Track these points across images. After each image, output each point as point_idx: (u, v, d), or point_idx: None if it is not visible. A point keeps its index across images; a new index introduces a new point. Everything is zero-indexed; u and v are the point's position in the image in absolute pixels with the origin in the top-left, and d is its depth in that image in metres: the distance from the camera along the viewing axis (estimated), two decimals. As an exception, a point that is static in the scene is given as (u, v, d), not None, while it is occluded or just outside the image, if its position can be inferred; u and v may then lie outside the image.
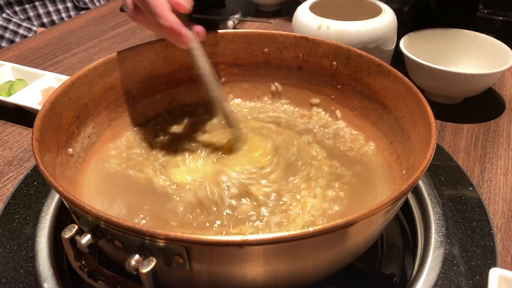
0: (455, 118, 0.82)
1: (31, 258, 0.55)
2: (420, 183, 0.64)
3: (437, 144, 0.74)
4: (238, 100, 0.75)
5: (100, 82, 0.62)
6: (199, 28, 0.60)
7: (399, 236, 0.65)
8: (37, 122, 0.50)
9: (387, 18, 0.80)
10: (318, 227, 0.37)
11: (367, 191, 0.57)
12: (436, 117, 0.50)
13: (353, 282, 0.57)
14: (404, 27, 0.91)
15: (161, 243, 0.38)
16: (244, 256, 0.40)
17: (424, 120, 0.52)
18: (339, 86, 0.69)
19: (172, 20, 0.54)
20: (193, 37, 0.57)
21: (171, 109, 0.72)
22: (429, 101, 0.84)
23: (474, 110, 0.84)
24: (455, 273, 0.53)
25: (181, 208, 0.53)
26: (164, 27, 0.54)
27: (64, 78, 0.88)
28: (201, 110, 0.72)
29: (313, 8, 0.84)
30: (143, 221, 0.52)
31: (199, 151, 0.62)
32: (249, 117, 0.72)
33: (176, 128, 0.69)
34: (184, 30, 0.55)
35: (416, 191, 0.64)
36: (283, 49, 0.71)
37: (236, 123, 0.62)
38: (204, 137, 0.65)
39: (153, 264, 0.37)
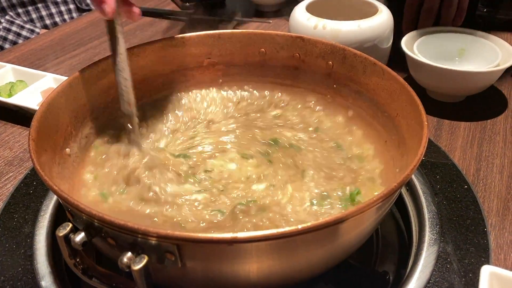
0: (453, 116, 0.82)
1: (29, 256, 0.56)
2: (416, 181, 0.65)
3: (433, 142, 0.75)
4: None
5: (98, 83, 0.63)
6: (136, 9, 0.59)
7: (395, 234, 0.65)
8: (34, 122, 0.51)
9: (383, 17, 0.80)
10: (308, 224, 0.38)
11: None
12: (434, 115, 0.50)
13: (348, 280, 0.58)
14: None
15: (152, 241, 0.38)
16: (235, 253, 0.40)
17: (417, 119, 0.53)
18: (335, 86, 0.69)
19: None
20: (115, 9, 0.54)
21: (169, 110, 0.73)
22: (431, 99, 0.85)
23: (472, 108, 0.84)
24: (448, 271, 0.54)
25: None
26: None
27: (64, 79, 0.88)
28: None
29: (310, 8, 0.84)
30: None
31: (200, 147, 0.64)
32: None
33: (175, 127, 0.69)
34: None
35: (411, 189, 0.64)
36: (279, 49, 0.71)
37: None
38: (206, 133, 0.67)
39: (144, 261, 0.38)
